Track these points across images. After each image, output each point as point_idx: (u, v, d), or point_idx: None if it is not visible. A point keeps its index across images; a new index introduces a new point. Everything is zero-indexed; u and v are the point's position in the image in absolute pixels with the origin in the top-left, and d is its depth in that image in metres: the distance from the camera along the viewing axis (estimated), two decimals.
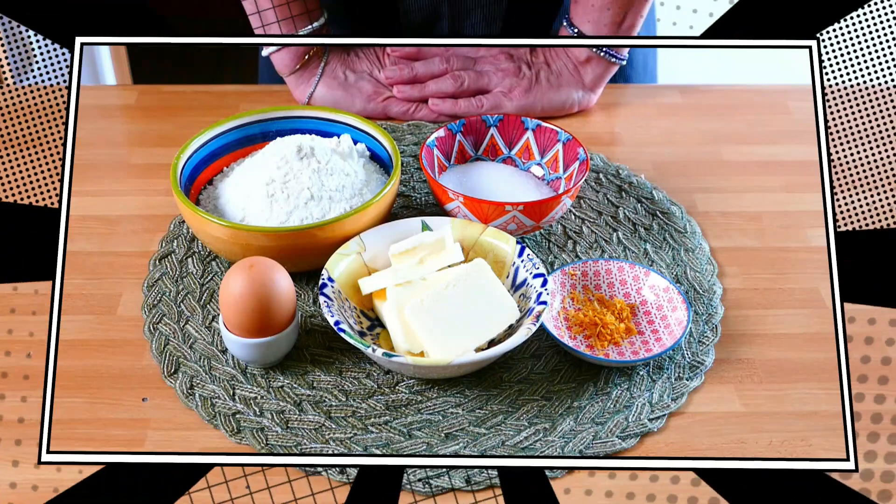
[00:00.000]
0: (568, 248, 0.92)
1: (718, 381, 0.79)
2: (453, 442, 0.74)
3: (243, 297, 0.76)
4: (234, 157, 0.96)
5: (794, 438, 0.75)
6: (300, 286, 0.87)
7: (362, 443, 0.74)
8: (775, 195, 0.99)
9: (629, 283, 0.86)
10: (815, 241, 0.93)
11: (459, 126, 0.98)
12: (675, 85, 1.16)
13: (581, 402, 0.77)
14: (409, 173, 1.01)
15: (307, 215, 0.86)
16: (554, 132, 0.97)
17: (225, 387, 0.78)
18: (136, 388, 0.78)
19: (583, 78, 1.08)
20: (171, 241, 0.92)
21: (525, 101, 1.08)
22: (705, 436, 0.75)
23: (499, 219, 0.87)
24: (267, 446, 0.74)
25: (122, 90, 1.35)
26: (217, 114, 1.09)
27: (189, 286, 0.87)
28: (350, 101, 1.08)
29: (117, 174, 1.02)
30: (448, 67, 1.09)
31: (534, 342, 0.82)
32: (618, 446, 0.74)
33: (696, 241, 0.93)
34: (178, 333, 0.82)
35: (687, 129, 1.09)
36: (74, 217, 0.94)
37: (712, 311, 0.85)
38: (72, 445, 0.73)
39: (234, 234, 0.83)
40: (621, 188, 0.99)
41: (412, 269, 0.81)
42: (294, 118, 0.97)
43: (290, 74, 1.08)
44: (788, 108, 1.12)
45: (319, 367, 0.80)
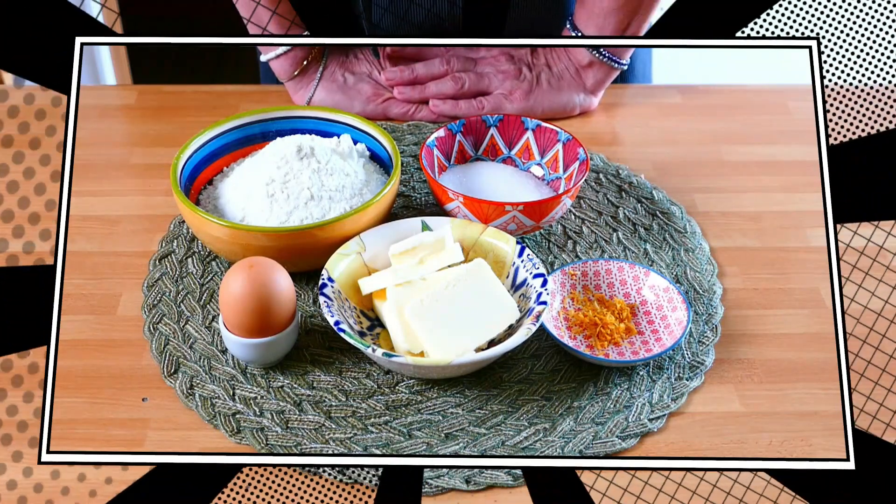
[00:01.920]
0: (568, 248, 0.92)
1: (718, 381, 0.79)
2: (453, 442, 0.74)
3: (243, 297, 0.76)
4: (234, 157, 0.96)
5: (794, 438, 0.75)
6: (300, 286, 0.87)
7: (362, 443, 0.74)
8: (775, 195, 0.99)
9: (629, 283, 0.86)
10: (815, 241, 0.93)
11: (459, 126, 0.98)
12: (675, 85, 1.16)
13: (581, 402, 0.77)
14: (409, 173, 1.01)
15: (307, 215, 0.86)
16: (554, 132, 0.97)
17: (225, 387, 0.78)
18: (136, 388, 0.78)
19: (584, 81, 1.08)
20: (171, 241, 0.92)
21: (526, 103, 1.07)
22: (705, 436, 0.75)
23: (499, 219, 0.87)
24: (267, 446, 0.74)
25: (122, 90, 1.35)
26: (217, 114, 1.09)
27: (189, 286, 0.87)
28: (350, 104, 1.08)
29: (117, 174, 1.02)
30: (448, 69, 1.09)
31: (534, 342, 0.82)
32: (618, 446, 0.74)
33: (696, 241, 0.93)
34: (178, 333, 0.82)
35: (687, 129, 1.09)
36: (74, 217, 0.94)
37: (712, 311, 0.85)
38: (72, 445, 0.73)
39: (234, 234, 0.83)
40: (621, 188, 0.99)
41: (412, 269, 0.81)
42: (294, 118, 0.97)
43: (290, 80, 1.08)
44: (788, 108, 1.12)
45: (319, 367, 0.80)
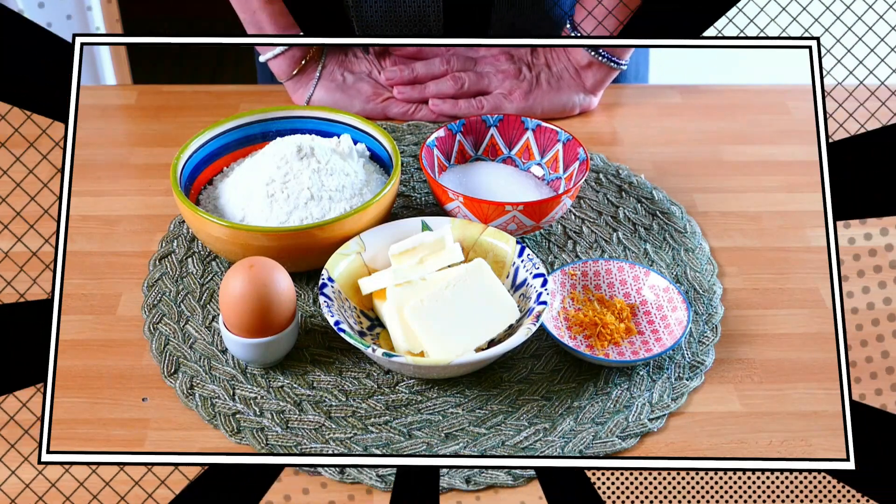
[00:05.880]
0: (568, 248, 0.92)
1: (718, 381, 0.79)
2: (453, 442, 0.74)
3: (243, 297, 0.76)
4: (234, 157, 0.96)
5: (794, 438, 0.75)
6: (300, 286, 0.87)
7: (362, 443, 0.74)
8: (775, 195, 0.99)
9: (629, 283, 0.86)
10: (815, 241, 0.93)
11: (459, 126, 0.98)
12: (675, 85, 1.16)
13: (581, 402, 0.77)
14: (409, 173, 1.01)
15: (307, 215, 0.86)
16: (554, 132, 0.97)
17: (225, 387, 0.78)
18: (136, 388, 0.78)
19: (584, 82, 1.08)
20: (171, 241, 0.92)
21: (525, 103, 1.07)
22: (705, 436, 0.75)
23: (499, 219, 0.87)
24: (267, 446, 0.74)
25: (122, 90, 1.35)
26: (217, 114, 1.09)
27: (189, 286, 0.87)
28: (349, 103, 1.08)
29: (117, 174, 1.02)
30: (448, 69, 1.09)
31: (534, 342, 0.82)
32: (618, 446, 0.74)
33: (696, 241, 0.93)
34: (178, 333, 0.82)
35: (687, 129, 1.09)
36: (74, 217, 0.94)
37: (712, 311, 0.85)
38: (72, 445, 0.73)
39: (233, 234, 0.83)
40: (621, 188, 0.99)
41: (412, 269, 0.81)
42: (294, 118, 0.97)
43: (289, 79, 1.08)
44: (788, 108, 1.12)
45: (319, 367, 0.80)
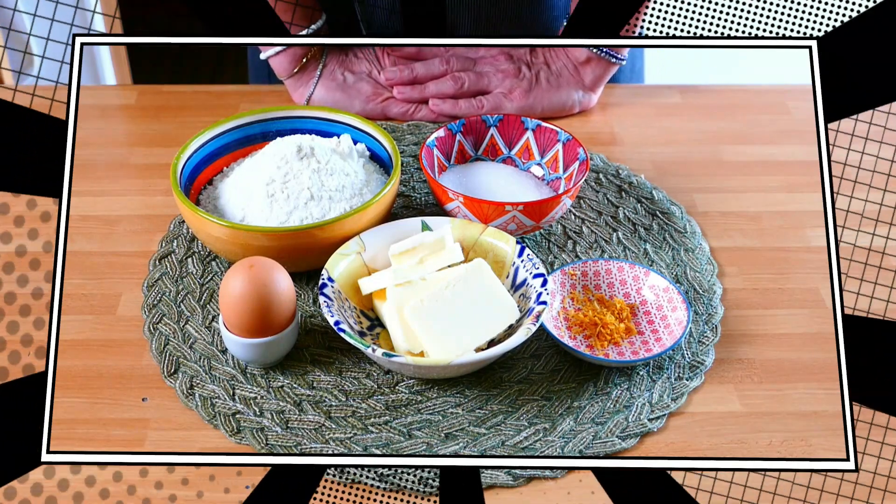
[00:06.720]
0: (568, 248, 0.92)
1: (718, 381, 0.79)
2: (453, 442, 0.74)
3: (243, 297, 0.76)
4: (234, 157, 0.96)
5: (794, 438, 0.75)
6: (300, 286, 0.87)
7: (362, 443, 0.74)
8: (775, 195, 0.99)
9: (629, 283, 0.86)
10: (815, 241, 0.93)
11: (459, 126, 0.98)
12: (675, 85, 1.16)
13: (581, 402, 0.77)
14: (409, 173, 1.01)
15: (307, 215, 0.86)
16: (554, 132, 0.97)
17: (225, 387, 0.78)
18: (136, 388, 0.78)
19: (583, 78, 1.08)
20: (171, 241, 0.92)
21: (525, 101, 1.07)
22: (705, 436, 0.75)
23: (499, 219, 0.87)
24: (267, 446, 0.74)
25: (122, 90, 1.35)
26: (217, 114, 1.09)
27: (189, 286, 0.87)
28: (349, 103, 1.08)
29: (117, 174, 1.02)
30: (448, 69, 1.09)
31: (534, 342, 0.82)
32: (618, 446, 0.74)
33: (696, 241, 0.93)
34: (178, 333, 0.82)
35: (686, 129, 1.09)
36: (74, 217, 0.94)
37: (712, 311, 0.85)
38: (72, 445, 0.73)
39: (233, 234, 0.83)
40: (621, 188, 0.99)
41: (412, 269, 0.81)
42: (294, 118, 0.97)
43: (289, 77, 1.08)
44: (788, 108, 1.12)
45: (319, 367, 0.80)
